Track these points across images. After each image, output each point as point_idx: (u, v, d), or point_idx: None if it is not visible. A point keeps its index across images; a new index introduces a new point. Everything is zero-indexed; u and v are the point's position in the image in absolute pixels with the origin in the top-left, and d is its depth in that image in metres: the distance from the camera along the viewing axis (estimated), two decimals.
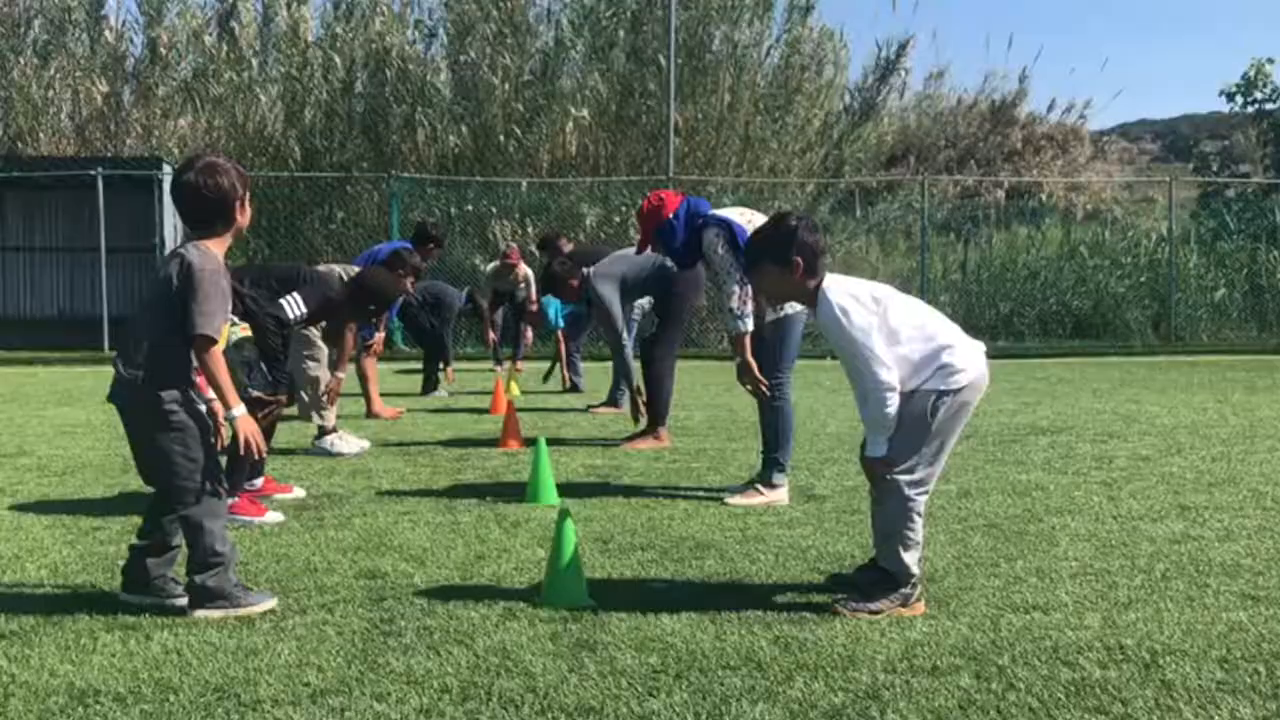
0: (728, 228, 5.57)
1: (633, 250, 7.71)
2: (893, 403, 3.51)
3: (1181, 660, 3.14)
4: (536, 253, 13.54)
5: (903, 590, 3.62)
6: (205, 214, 3.60)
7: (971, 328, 19.22)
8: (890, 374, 3.51)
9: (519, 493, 5.62)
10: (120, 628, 3.48)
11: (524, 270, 12.91)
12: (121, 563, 3.87)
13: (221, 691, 2.93)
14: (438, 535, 4.76)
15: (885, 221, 21.86)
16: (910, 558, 3.60)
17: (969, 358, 3.65)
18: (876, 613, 3.56)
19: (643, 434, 7.45)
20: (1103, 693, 2.90)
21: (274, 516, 5.06)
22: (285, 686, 2.97)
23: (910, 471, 3.58)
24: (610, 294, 7.54)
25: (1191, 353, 16.76)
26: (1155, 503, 5.41)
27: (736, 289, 5.41)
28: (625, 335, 7.83)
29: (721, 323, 17.56)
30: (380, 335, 9.01)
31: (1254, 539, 4.64)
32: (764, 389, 5.44)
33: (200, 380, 3.66)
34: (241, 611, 3.59)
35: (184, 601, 3.66)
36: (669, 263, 7.71)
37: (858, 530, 4.80)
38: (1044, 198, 27.99)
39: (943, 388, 3.57)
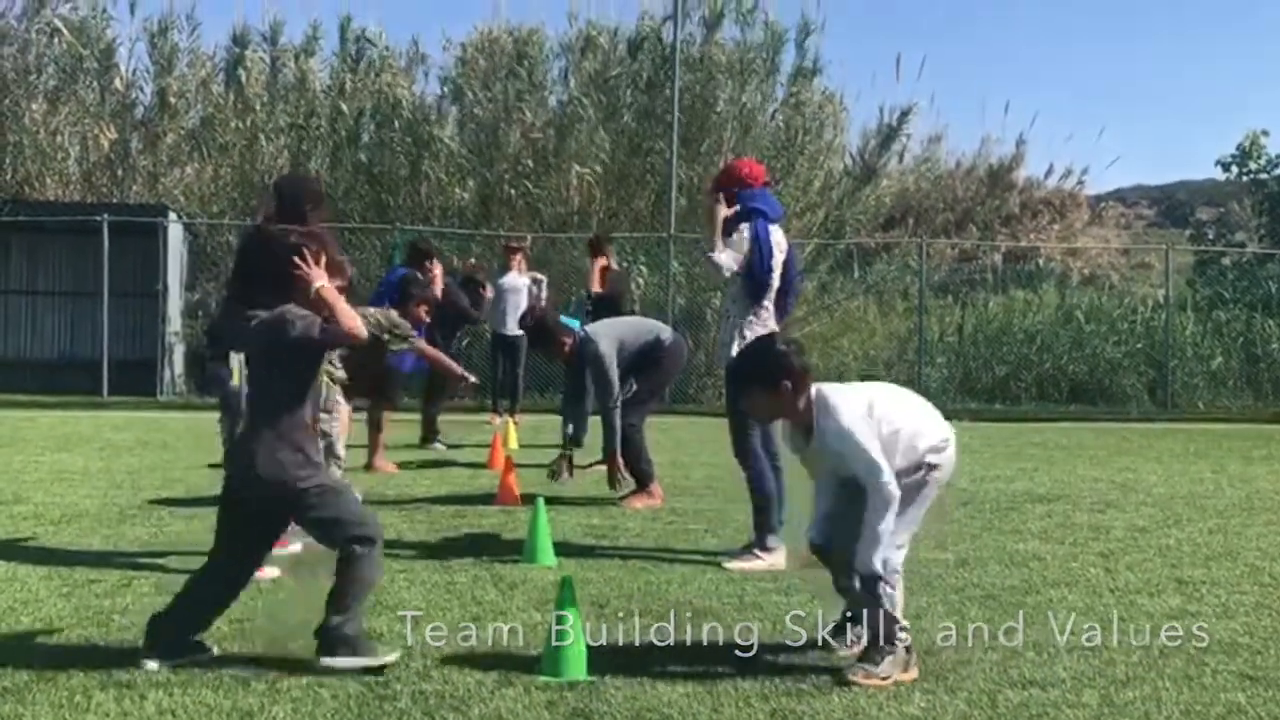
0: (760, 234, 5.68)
1: (634, 319, 7.83)
2: (886, 517, 3.60)
3: None
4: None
5: (897, 650, 3.64)
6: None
7: (968, 391, 19.11)
8: (894, 490, 3.60)
9: (516, 551, 5.61)
10: (115, 685, 3.46)
11: (531, 275, 12.66)
12: (122, 618, 3.86)
13: None
14: (434, 595, 4.75)
15: (883, 282, 21.98)
16: (893, 613, 3.65)
17: (949, 444, 3.82)
18: (886, 679, 3.57)
19: (636, 492, 7.47)
20: None
21: (270, 571, 5.04)
22: None
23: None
24: (609, 351, 7.56)
25: (1188, 420, 16.78)
26: (1152, 576, 5.40)
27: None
28: (619, 398, 7.76)
29: (715, 379, 17.71)
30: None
31: (1252, 616, 4.64)
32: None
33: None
34: (369, 662, 3.60)
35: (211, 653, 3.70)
36: (662, 336, 7.81)
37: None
38: (1041, 262, 28.16)
39: (930, 461, 3.74)
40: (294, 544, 5.63)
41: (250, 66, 21.44)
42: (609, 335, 7.64)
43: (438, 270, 9.77)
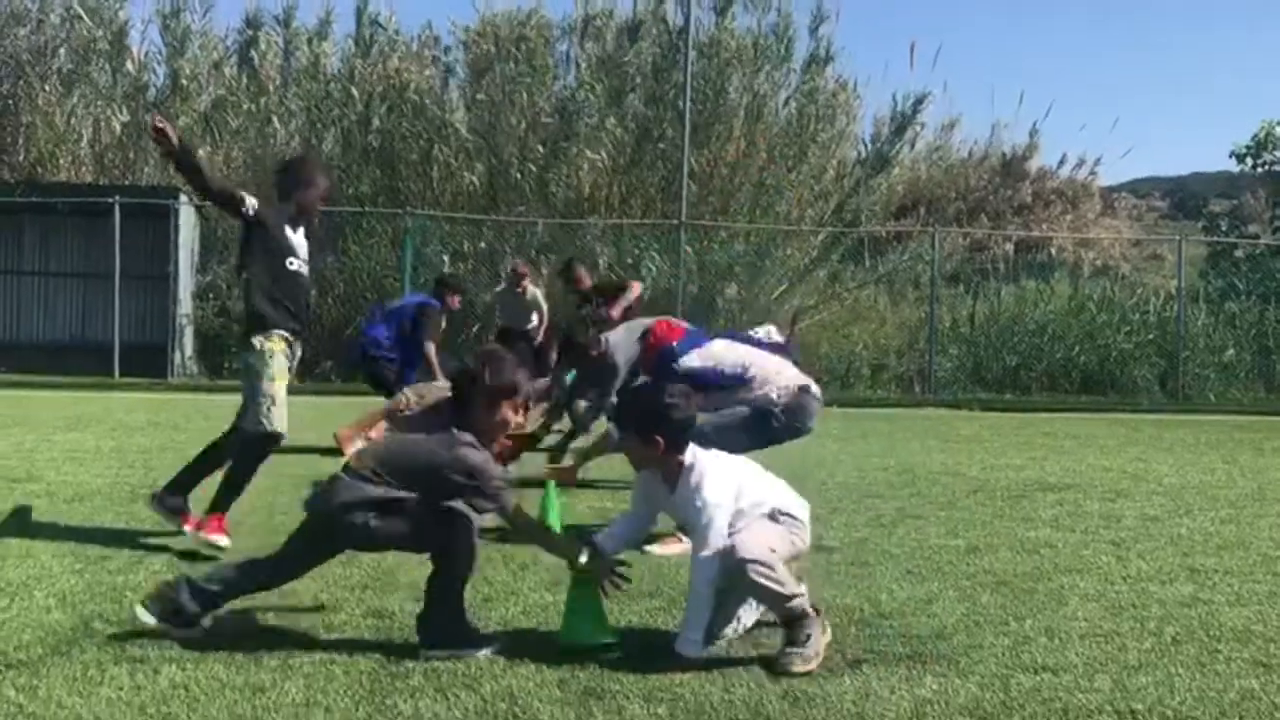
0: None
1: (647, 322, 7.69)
2: (712, 579, 3.62)
3: None
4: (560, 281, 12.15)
5: (811, 620, 3.65)
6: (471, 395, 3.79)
7: (979, 380, 19.00)
8: (716, 557, 3.61)
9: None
10: (128, 660, 3.47)
11: (533, 291, 12.65)
12: (134, 594, 3.86)
13: None
14: None
15: (894, 271, 21.93)
16: (787, 588, 3.62)
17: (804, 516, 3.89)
18: (818, 655, 3.59)
19: None
20: None
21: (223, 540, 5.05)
22: None
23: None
24: (622, 366, 7.39)
25: (1199, 412, 16.73)
26: (1164, 564, 5.38)
27: None
28: (603, 409, 7.57)
29: None
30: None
31: (1265, 605, 4.62)
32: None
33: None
34: (474, 655, 3.59)
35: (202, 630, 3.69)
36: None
37: (865, 583, 4.79)
38: (1053, 252, 28.07)
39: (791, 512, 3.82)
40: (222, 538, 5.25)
41: (264, 49, 21.45)
42: (626, 351, 7.33)
43: (456, 304, 10.01)
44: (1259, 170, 28.43)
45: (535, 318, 12.43)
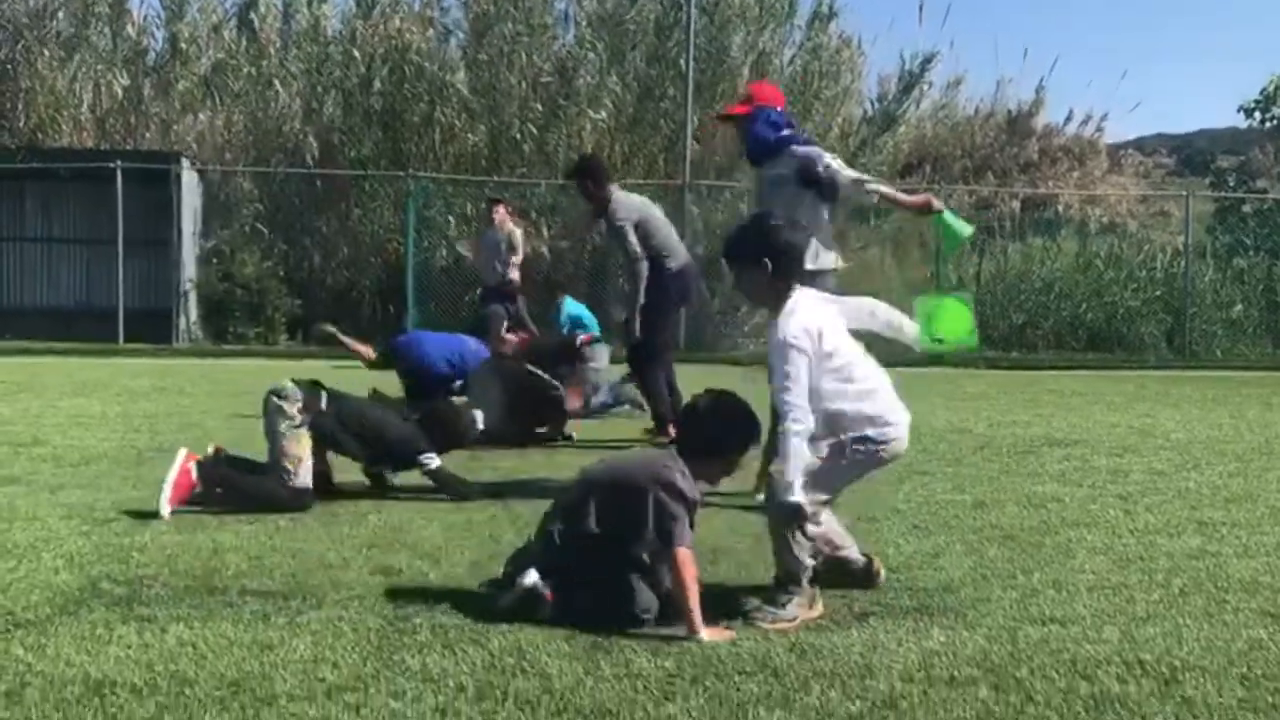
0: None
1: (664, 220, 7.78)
2: (801, 432, 3.52)
3: (1201, 677, 3.12)
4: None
5: (803, 589, 3.62)
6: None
7: (985, 338, 19.01)
8: (804, 411, 3.53)
9: (533, 492, 5.62)
10: (136, 619, 3.48)
11: (510, 227, 12.41)
12: (141, 555, 3.85)
13: (237, 686, 2.94)
14: (451, 534, 4.76)
15: (900, 230, 21.80)
16: (801, 554, 3.61)
17: (899, 424, 3.80)
18: (792, 620, 3.54)
19: (653, 433, 7.49)
20: (1122, 708, 2.89)
21: (166, 511, 4.97)
22: (301, 682, 2.97)
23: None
24: (628, 226, 7.48)
25: (1206, 368, 16.68)
26: (1172, 517, 5.37)
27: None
28: (644, 263, 7.51)
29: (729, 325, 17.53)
30: None
31: (1273, 556, 4.61)
32: None
33: None
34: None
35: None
36: (670, 263, 7.67)
37: (872, 538, 4.77)
38: (1059, 209, 27.86)
39: (871, 434, 3.72)
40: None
41: (263, 12, 21.28)
42: (628, 212, 7.53)
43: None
44: (1267, 125, 28.19)
45: (514, 272, 12.26)
